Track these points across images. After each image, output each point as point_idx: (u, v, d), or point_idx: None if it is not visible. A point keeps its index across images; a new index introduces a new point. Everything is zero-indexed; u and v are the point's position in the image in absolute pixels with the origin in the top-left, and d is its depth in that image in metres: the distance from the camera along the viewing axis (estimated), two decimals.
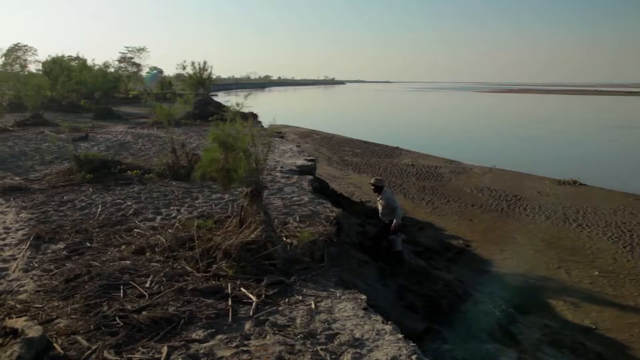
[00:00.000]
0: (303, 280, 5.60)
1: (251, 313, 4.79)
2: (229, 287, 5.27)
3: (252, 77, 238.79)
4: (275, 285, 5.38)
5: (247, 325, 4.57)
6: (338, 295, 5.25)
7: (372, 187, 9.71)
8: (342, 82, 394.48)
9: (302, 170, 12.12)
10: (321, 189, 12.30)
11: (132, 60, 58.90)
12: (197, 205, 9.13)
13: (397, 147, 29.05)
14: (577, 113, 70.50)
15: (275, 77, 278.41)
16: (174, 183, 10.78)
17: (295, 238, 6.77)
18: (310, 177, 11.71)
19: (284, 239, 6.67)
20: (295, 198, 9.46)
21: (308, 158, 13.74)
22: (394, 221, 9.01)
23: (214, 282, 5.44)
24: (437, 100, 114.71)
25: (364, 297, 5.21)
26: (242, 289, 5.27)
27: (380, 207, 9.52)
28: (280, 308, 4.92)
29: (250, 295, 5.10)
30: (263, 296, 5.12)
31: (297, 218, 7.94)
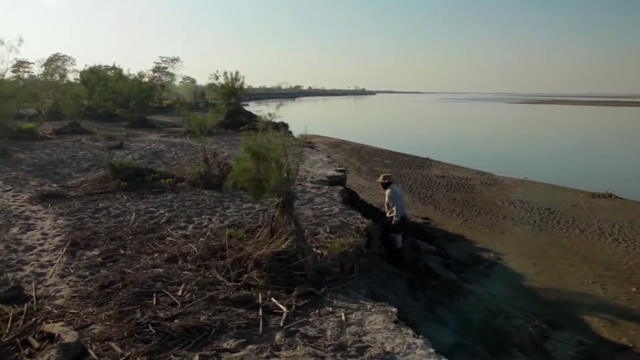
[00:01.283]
0: (333, 292, 5.58)
1: (282, 324, 4.80)
2: (260, 297, 5.29)
3: (283, 87, 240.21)
4: (306, 296, 5.38)
5: (278, 336, 4.58)
6: (368, 307, 5.22)
7: (382, 184, 9.62)
8: (372, 93, 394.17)
9: (333, 181, 12.14)
10: (351, 200, 12.28)
11: (166, 70, 60.08)
12: (229, 214, 9.22)
13: (428, 158, 28.86)
14: (612, 125, 69.05)
15: (305, 87, 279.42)
16: (205, 192, 10.91)
17: (325, 249, 6.78)
18: (341, 187, 11.71)
19: (315, 250, 6.68)
20: (325, 209, 9.47)
21: (338, 169, 13.74)
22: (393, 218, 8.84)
23: (244, 292, 5.47)
24: (467, 111, 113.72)
25: (394, 309, 5.17)
26: (272, 299, 5.29)
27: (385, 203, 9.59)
28: (310, 319, 4.92)
29: (281, 306, 5.11)
30: (293, 307, 5.13)
31: (328, 229, 7.94)
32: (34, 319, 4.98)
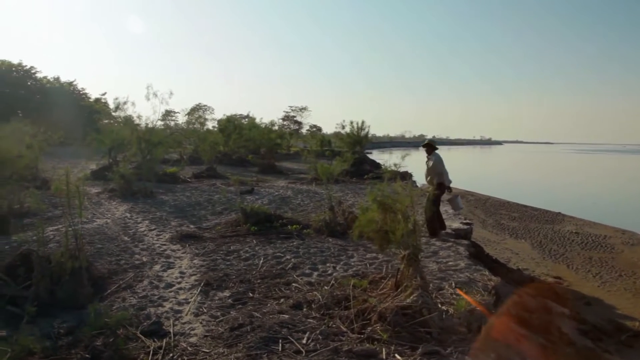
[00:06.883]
0: (460, 353, 5.36)
1: None
2: (384, 352, 5.23)
3: (407, 135, 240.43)
4: (431, 355, 5.22)
5: None
6: None
7: (425, 149, 12.03)
8: (499, 143, 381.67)
9: (458, 234, 11.81)
10: (476, 254, 11.85)
11: (295, 119, 62.98)
12: (352, 263, 9.28)
13: (559, 213, 27.10)
14: None
15: (429, 137, 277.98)
16: (330, 240, 11.10)
17: (450, 305, 6.57)
18: (467, 241, 11.35)
19: (440, 306, 6.50)
20: (450, 263, 9.22)
21: (464, 221, 13.35)
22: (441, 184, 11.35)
23: (368, 345, 5.43)
24: (605, 163, 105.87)
25: None
26: (396, 355, 5.20)
27: (427, 169, 11.67)
28: None
29: None
30: None
31: (453, 284, 7.71)
32: (171, 354, 5.34)
